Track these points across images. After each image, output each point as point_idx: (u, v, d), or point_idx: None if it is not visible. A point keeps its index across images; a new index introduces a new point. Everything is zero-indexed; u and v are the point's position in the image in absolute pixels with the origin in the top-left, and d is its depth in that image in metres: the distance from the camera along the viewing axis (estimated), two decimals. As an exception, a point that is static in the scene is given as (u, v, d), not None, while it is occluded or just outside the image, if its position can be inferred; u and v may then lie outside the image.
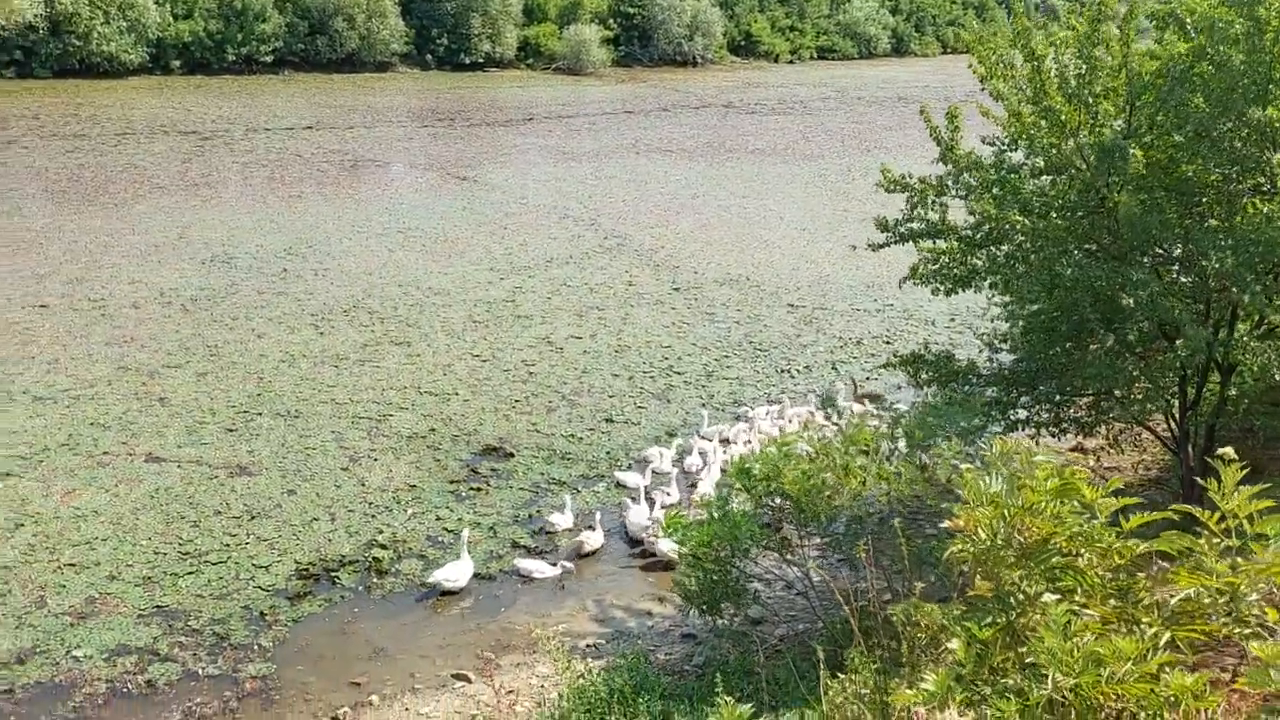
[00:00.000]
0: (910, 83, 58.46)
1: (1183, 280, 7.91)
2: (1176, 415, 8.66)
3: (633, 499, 11.00)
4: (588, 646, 8.95)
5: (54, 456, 11.88)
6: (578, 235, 23.17)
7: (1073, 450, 11.61)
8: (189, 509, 10.84)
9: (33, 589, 9.41)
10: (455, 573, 9.58)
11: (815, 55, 77.20)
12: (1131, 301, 7.19)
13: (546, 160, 33.34)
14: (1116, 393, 8.10)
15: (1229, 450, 3.44)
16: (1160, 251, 7.84)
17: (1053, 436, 9.19)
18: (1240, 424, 8.73)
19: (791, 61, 74.94)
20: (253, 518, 10.73)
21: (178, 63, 50.52)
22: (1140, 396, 8.16)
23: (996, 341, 9.36)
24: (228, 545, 10.22)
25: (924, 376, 9.33)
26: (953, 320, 17.72)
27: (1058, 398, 8.75)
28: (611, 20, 65.77)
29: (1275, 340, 7.60)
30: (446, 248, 21.71)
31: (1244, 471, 3.49)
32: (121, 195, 25.77)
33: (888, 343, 16.68)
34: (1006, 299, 8.82)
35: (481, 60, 59.46)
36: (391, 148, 34.57)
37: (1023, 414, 9.00)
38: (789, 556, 8.04)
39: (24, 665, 8.42)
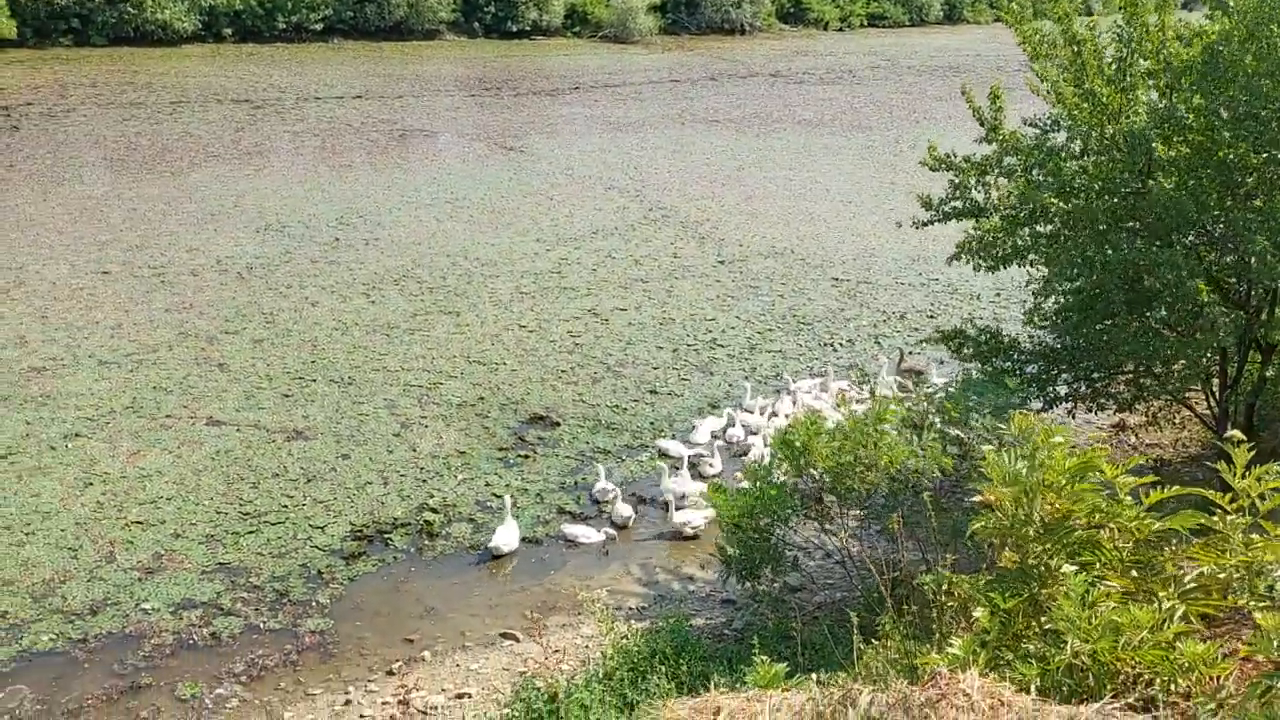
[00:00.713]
0: (962, 51, 57.52)
1: (1226, 261, 7.93)
2: (1216, 393, 8.70)
3: (675, 468, 11.25)
4: (631, 609, 9.25)
5: (119, 419, 12.38)
6: (623, 207, 23.33)
7: (1114, 427, 11.64)
8: (248, 471, 11.27)
9: (103, 544, 9.90)
10: (506, 537, 9.92)
11: (865, 22, 76.10)
12: (1158, 284, 7.25)
13: (592, 130, 33.43)
14: (1156, 369, 8.16)
15: (1237, 432, 3.58)
16: (1204, 233, 7.86)
17: (1090, 412, 9.26)
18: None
19: (841, 29, 73.98)
20: (309, 480, 11.14)
21: (229, 30, 51.13)
22: (1179, 374, 8.22)
23: (1037, 319, 9.43)
24: (285, 506, 10.64)
25: (966, 352, 9.43)
26: (998, 295, 17.69)
27: (1096, 374, 8.83)
28: (659, -13, 65.23)
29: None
30: (493, 218, 21.99)
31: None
32: (178, 163, 26.34)
33: (931, 317, 16.72)
34: (1044, 275, 8.89)
35: (528, 28, 59.43)
36: (439, 117, 34.86)
37: (1063, 390, 9.09)
38: (828, 526, 8.25)
39: (96, 616, 8.90)
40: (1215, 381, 8.70)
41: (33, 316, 15.50)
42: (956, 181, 8.58)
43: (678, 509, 10.57)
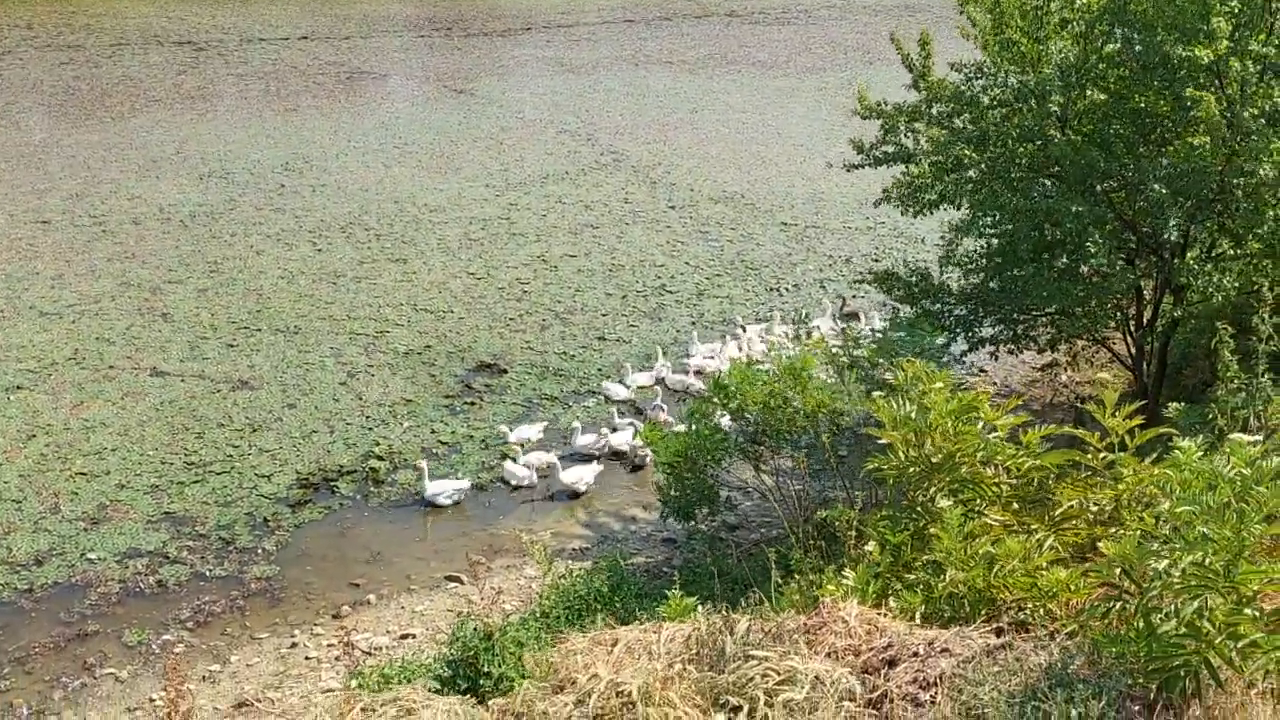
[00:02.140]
0: (918, -10, 57.27)
1: (1140, 206, 8.17)
2: (1134, 334, 9.02)
3: (620, 412, 11.41)
4: (574, 550, 9.49)
5: (62, 370, 12.31)
6: (574, 151, 23.22)
7: (1045, 368, 11.98)
8: (193, 421, 11.31)
9: (47, 496, 9.94)
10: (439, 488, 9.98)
11: (822, -39, 75.34)
12: (1059, 233, 7.50)
13: (544, 72, 33.05)
14: (1077, 311, 8.44)
15: (1104, 375, 3.80)
16: (1121, 180, 8.09)
17: (1012, 355, 9.56)
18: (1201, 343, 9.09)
19: (798, -33, 73.16)
20: (254, 430, 11.20)
21: (171, -31, 49.60)
22: (1093, 316, 8.51)
23: (953, 262, 9.67)
24: (230, 456, 10.71)
25: (897, 294, 9.65)
26: (941, 239, 17.89)
27: (1018, 316, 9.10)
28: (613, -76, 64.09)
29: (1218, 264, 7.93)
30: (443, 163, 21.81)
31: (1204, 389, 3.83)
32: (118, 109, 25.75)
33: (876, 260, 16.91)
34: (961, 219, 9.11)
35: (480, -34, 58.19)
36: (388, 59, 34.26)
37: (987, 332, 9.37)
38: (762, 467, 8.49)
39: (41, 566, 8.98)
40: (1132, 323, 9.01)
41: (-30, 268, 15.26)
42: (886, 127, 8.73)
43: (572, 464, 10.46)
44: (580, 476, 10.30)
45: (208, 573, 9.01)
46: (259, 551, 9.30)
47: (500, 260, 16.36)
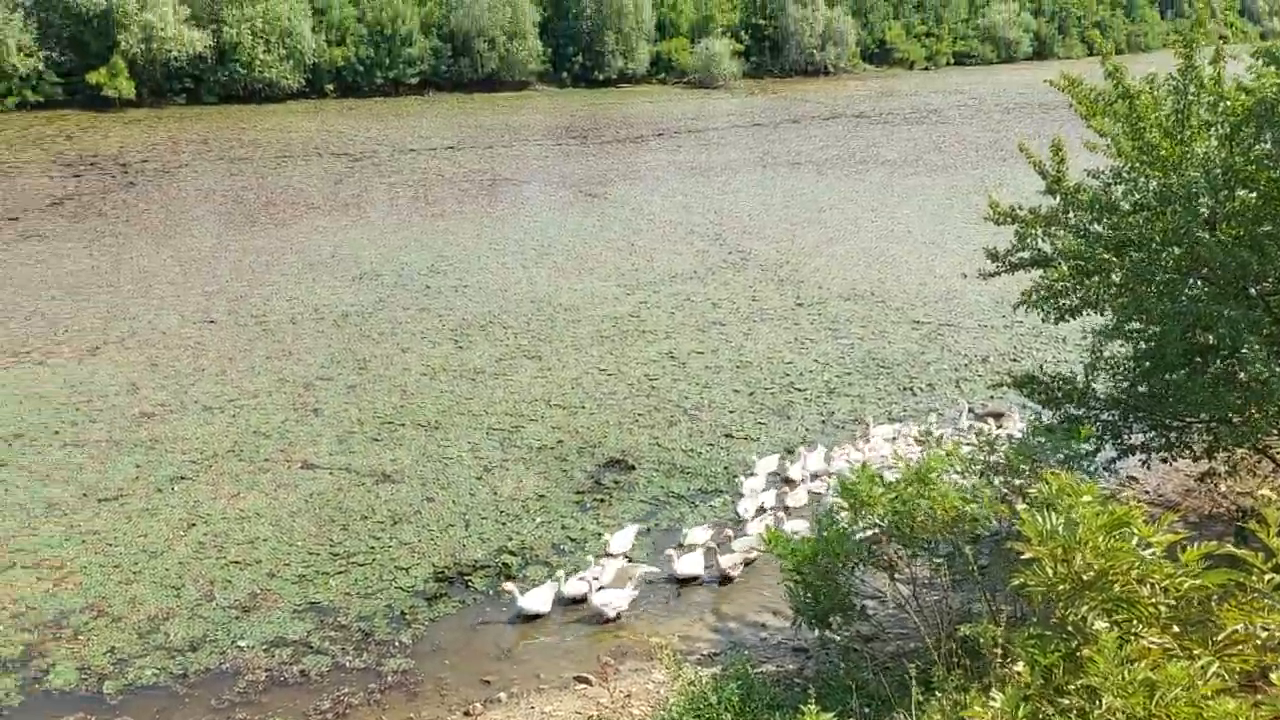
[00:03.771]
0: (1052, 89, 56.67)
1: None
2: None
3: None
4: (702, 655, 9.36)
5: (221, 462, 13.05)
6: (703, 251, 23.63)
7: (1202, 477, 11.34)
8: (339, 513, 11.78)
9: (203, 583, 10.46)
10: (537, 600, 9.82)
11: (952, 61, 75.70)
12: (1211, 339, 7.18)
13: (675, 175, 33.95)
14: (1234, 419, 8.02)
15: (1268, 492, 3.62)
16: (1270, 283, 7.75)
17: (1165, 462, 9.11)
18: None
19: (927, 68, 73.68)
20: (395, 522, 11.58)
21: (331, 86, 53.54)
22: (1253, 424, 8.06)
23: (1099, 365, 9.34)
24: (373, 548, 11.08)
25: (1038, 398, 9.38)
26: (1084, 338, 17.31)
27: (1170, 423, 8.70)
28: (743, 32, 66.14)
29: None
30: (577, 264, 22.51)
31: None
32: (280, 216, 27.64)
33: (1015, 360, 16.51)
34: (1105, 325, 8.83)
35: (615, 76, 60.76)
36: (528, 166, 35.84)
37: (1138, 439, 8.97)
38: (896, 575, 8.26)
39: (195, 652, 9.40)
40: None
41: (144, 365, 16.45)
42: (1021, 233, 8.63)
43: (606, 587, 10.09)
44: (609, 601, 9.84)
45: (347, 664, 9.26)
46: (396, 644, 9.52)
47: (630, 357, 16.67)
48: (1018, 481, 6.79)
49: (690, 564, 10.54)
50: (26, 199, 29.45)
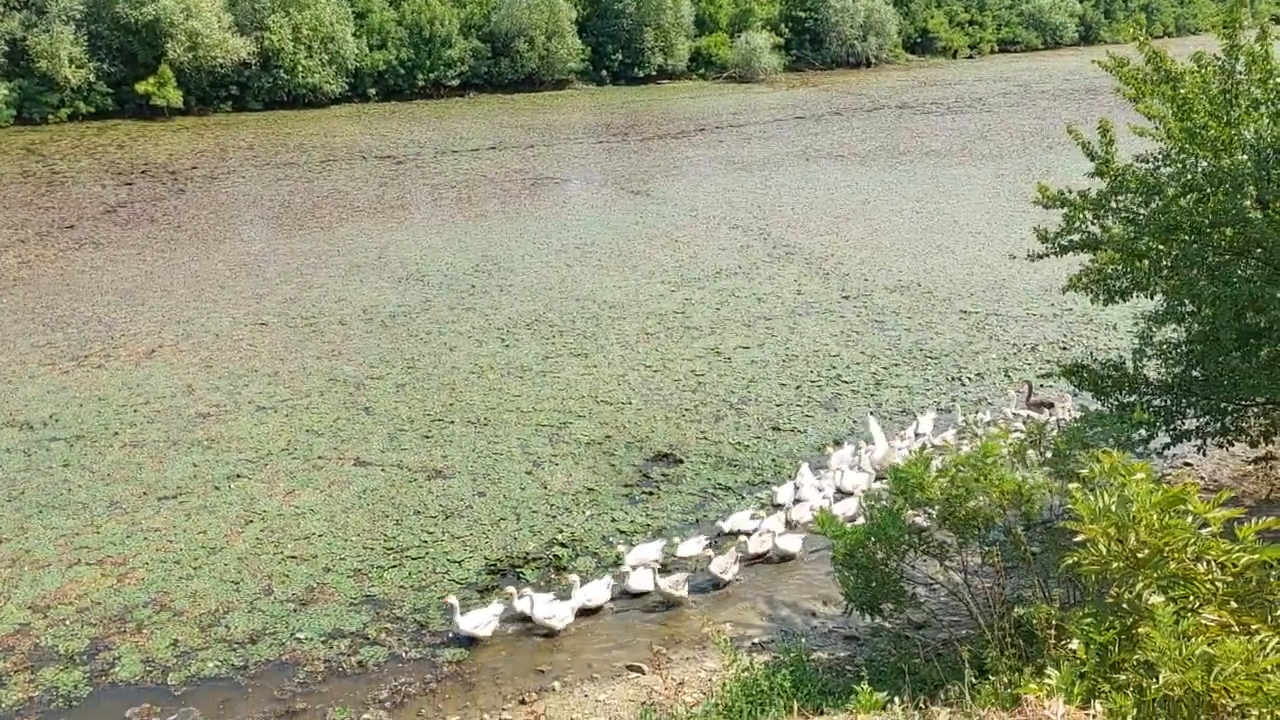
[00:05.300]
0: (1099, 72, 55.75)
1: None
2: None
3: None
4: (754, 643, 9.41)
5: (276, 460, 13.32)
6: (747, 245, 23.61)
7: (1258, 461, 11.16)
8: (392, 508, 11.97)
9: (261, 578, 10.69)
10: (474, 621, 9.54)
11: (996, 48, 74.77)
12: (1264, 320, 7.06)
13: (717, 170, 33.91)
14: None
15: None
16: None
17: (1221, 448, 8.97)
18: None
19: (971, 56, 72.82)
20: (447, 517, 11.75)
21: (373, 90, 54.21)
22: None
23: (1149, 351, 9.22)
24: (425, 542, 11.25)
25: (1087, 387, 9.28)
26: (1135, 324, 17.09)
27: (1226, 407, 8.56)
28: (783, 25, 65.86)
29: None
30: (620, 261, 22.60)
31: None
32: (326, 219, 28.06)
33: (1064, 348, 16.33)
34: (1154, 309, 8.71)
35: (654, 73, 60.83)
36: (569, 164, 36.01)
37: (1191, 424, 8.85)
38: (947, 562, 8.24)
39: (255, 645, 9.62)
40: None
41: (199, 366, 16.81)
42: (1069, 216, 8.54)
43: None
44: (554, 613, 9.67)
45: (404, 654, 9.42)
46: (450, 636, 9.67)
47: (675, 353, 16.72)
48: (1069, 467, 6.75)
49: (640, 580, 10.23)
50: (81, 207, 30.17)
